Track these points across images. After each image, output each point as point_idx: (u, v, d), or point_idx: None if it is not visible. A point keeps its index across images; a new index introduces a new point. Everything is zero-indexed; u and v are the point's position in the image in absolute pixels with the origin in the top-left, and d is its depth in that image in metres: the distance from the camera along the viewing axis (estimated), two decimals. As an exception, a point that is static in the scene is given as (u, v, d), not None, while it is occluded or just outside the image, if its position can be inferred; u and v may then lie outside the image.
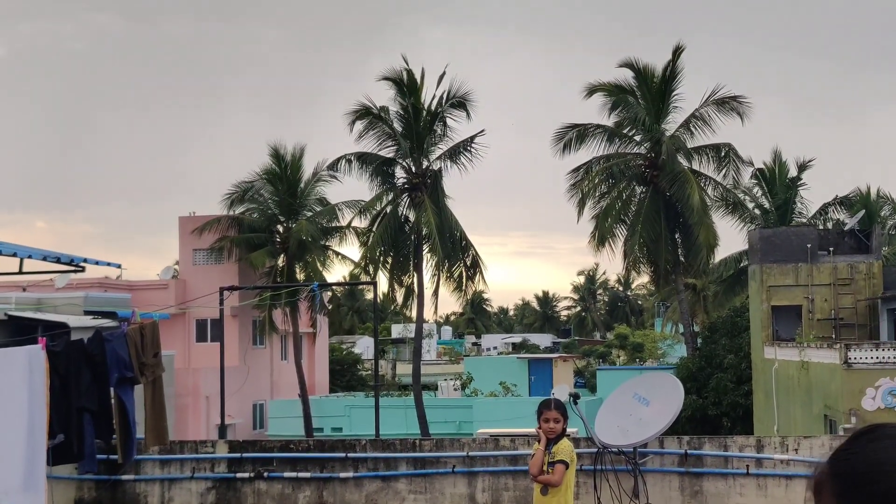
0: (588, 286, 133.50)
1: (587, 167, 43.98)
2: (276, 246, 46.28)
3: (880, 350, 28.65)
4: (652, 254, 43.12)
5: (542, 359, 60.86)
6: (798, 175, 45.10)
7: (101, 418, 10.88)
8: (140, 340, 11.17)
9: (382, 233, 41.50)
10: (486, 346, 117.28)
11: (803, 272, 35.91)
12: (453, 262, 42.83)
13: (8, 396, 9.71)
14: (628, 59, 42.88)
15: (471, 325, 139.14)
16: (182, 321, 47.37)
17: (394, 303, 45.64)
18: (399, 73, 41.54)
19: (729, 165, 42.87)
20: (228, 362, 25.68)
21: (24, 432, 9.65)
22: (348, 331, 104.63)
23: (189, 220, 48.56)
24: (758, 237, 37.05)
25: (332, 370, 62.54)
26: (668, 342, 77.28)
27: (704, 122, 42.98)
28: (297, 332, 46.98)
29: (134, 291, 46.32)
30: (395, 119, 42.27)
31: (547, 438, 9.34)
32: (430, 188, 41.56)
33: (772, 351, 35.22)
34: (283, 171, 46.26)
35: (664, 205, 42.44)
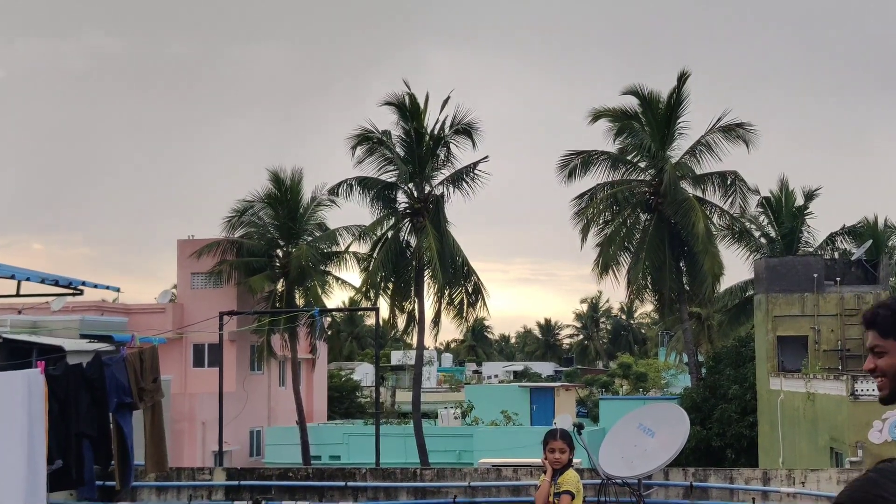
0: (591, 314, 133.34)
1: (591, 194, 44.05)
2: (275, 270, 46.29)
3: (888, 382, 28.54)
4: (656, 282, 43.12)
5: (544, 388, 60.74)
6: (805, 204, 45.14)
7: (99, 444, 10.90)
8: (139, 365, 11.21)
9: (383, 258, 41.55)
10: (487, 374, 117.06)
11: (810, 302, 35.90)
12: (454, 289, 42.85)
13: (7, 421, 9.73)
14: (633, 86, 43.08)
15: (472, 352, 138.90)
16: (179, 345, 47.30)
17: (394, 329, 45.65)
18: (401, 97, 41.73)
19: (735, 193, 42.92)
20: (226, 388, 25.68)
21: (23, 457, 9.67)
22: (347, 357, 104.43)
23: (187, 244, 48.59)
24: (764, 266, 37.07)
25: (330, 397, 62.40)
26: (671, 372, 77.04)
27: (710, 149, 43.09)
28: (295, 358, 46.92)
29: (131, 315, 46.24)
30: (397, 143, 42.40)
31: (553, 469, 9.35)
32: (431, 213, 41.64)
33: (777, 382, 35.18)
34: (283, 194, 46.34)
35: (669, 232, 42.48)
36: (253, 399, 46.05)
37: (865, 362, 3.46)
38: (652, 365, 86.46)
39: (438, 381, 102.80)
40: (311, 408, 55.31)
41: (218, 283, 46.64)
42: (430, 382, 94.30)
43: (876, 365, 3.39)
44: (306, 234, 46.85)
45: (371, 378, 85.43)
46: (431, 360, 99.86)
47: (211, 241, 46.35)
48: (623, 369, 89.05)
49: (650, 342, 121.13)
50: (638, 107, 43.41)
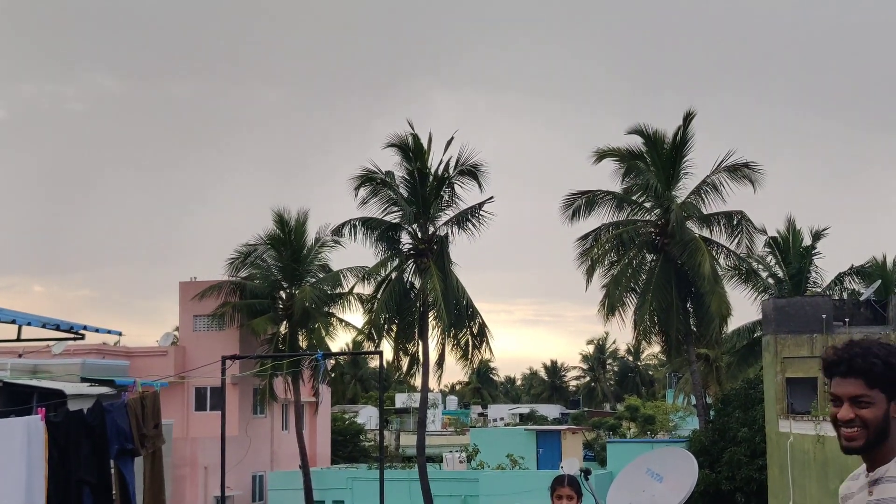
0: (597, 356, 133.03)
1: (596, 234, 44.07)
2: (278, 312, 46.29)
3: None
4: (663, 323, 43.02)
5: (551, 431, 60.45)
6: (812, 244, 45.14)
7: (100, 491, 10.85)
8: (141, 411, 11.18)
9: (387, 299, 41.51)
10: (492, 417, 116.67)
11: (819, 343, 35.77)
12: (459, 330, 42.78)
13: (5, 468, 9.69)
14: (638, 126, 43.20)
15: (477, 394, 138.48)
16: (181, 389, 47.22)
17: (398, 371, 45.50)
18: (405, 138, 41.86)
19: (741, 233, 42.93)
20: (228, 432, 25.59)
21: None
22: (351, 400, 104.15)
23: (190, 286, 48.63)
24: (772, 307, 36.99)
25: (333, 440, 62.18)
26: (679, 414, 76.72)
27: (716, 189, 43.15)
28: (298, 402, 46.81)
29: (132, 358, 46.24)
30: (400, 184, 42.50)
31: (560, 516, 9.27)
32: (435, 254, 41.66)
33: (787, 424, 34.99)
34: (287, 236, 46.42)
35: (675, 273, 42.45)
36: (255, 443, 45.89)
37: (840, 411, 3.33)
38: (660, 407, 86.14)
39: (443, 424, 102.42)
40: (314, 452, 55.08)
41: (220, 325, 46.64)
42: (434, 425, 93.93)
43: (857, 415, 3.30)
44: (310, 275, 46.89)
45: (375, 421, 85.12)
46: (436, 403, 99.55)
47: (213, 283, 46.40)
48: (631, 412, 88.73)
49: (658, 384, 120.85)
50: (643, 146, 43.53)
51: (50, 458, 10.12)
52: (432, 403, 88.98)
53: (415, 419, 67.99)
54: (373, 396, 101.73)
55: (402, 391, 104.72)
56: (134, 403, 11.14)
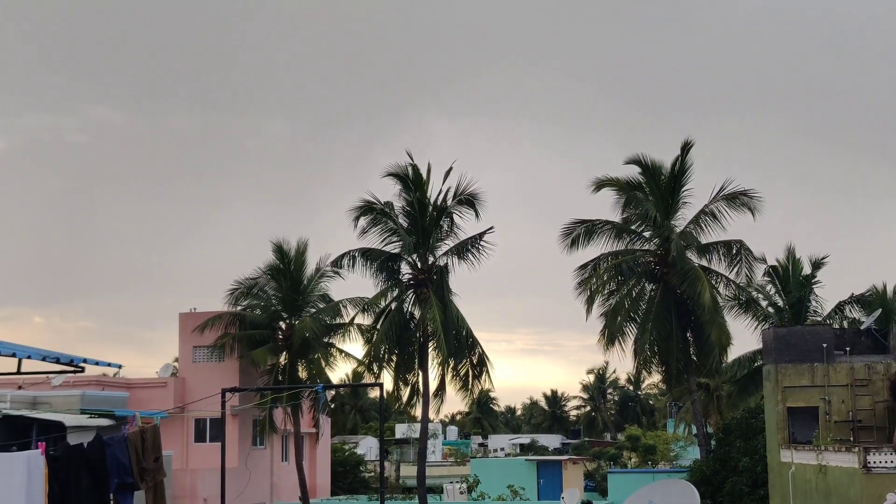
0: (598, 385, 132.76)
1: (595, 264, 44.12)
2: (278, 343, 46.26)
3: (900, 454, 28.38)
4: (663, 353, 43.00)
5: (552, 461, 60.31)
6: (812, 273, 45.14)
7: (100, 526, 10.84)
8: (141, 444, 11.18)
9: (387, 330, 41.47)
10: (493, 447, 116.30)
11: (819, 372, 35.75)
12: (459, 360, 42.72)
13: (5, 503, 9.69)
14: (636, 156, 43.35)
15: (477, 424, 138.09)
16: (180, 420, 47.09)
17: (398, 402, 45.41)
18: (404, 168, 41.96)
19: (741, 263, 42.98)
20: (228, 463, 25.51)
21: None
22: (351, 430, 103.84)
23: (190, 317, 48.62)
24: (772, 336, 36.98)
25: (334, 471, 61.97)
26: (680, 444, 76.52)
27: (714, 217, 43.24)
28: (298, 433, 46.71)
29: (132, 389, 46.15)
30: (400, 214, 42.56)
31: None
32: (435, 284, 41.67)
33: (788, 454, 34.93)
34: (287, 266, 46.45)
35: (675, 303, 42.47)
36: (255, 474, 45.74)
37: None
38: (661, 437, 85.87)
39: (443, 455, 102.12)
40: (314, 483, 54.91)
41: (220, 356, 46.58)
42: (434, 456, 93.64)
43: None
44: (310, 306, 46.88)
45: (375, 452, 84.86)
46: (436, 434, 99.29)
47: (213, 314, 46.38)
48: (631, 441, 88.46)
49: (658, 413, 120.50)
50: (641, 176, 43.67)
51: (50, 493, 10.13)
52: (432, 434, 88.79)
53: (415, 450, 67.76)
54: (373, 427, 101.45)
55: (403, 422, 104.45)
56: (134, 437, 11.14)
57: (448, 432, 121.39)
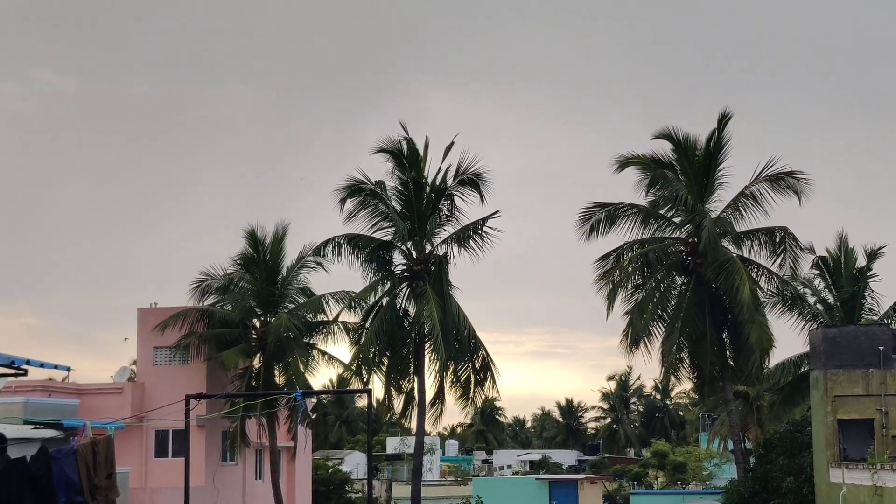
0: (620, 394, 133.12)
1: (618, 254, 44.13)
2: (251, 343, 46.28)
3: (968, 473, 28.45)
4: (695, 356, 43.03)
5: (566, 480, 60.46)
6: (868, 265, 45.20)
7: (44, 552, 10.86)
8: (92, 459, 11.19)
9: (377, 329, 41.55)
10: (498, 465, 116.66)
11: (875, 379, 35.81)
12: (460, 365, 42.82)
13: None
14: (666, 129, 43.27)
15: (481, 438, 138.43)
16: (139, 432, 47.11)
17: (390, 412, 45.52)
18: (398, 143, 41.94)
19: (785, 253, 42.97)
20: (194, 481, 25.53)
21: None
22: (335, 444, 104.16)
23: (150, 313, 48.59)
24: (821, 338, 37.03)
25: (315, 491, 62.07)
26: (714, 461, 76.77)
27: (756, 201, 43.20)
28: (274, 447, 46.74)
29: (83, 396, 46.13)
30: (392, 196, 42.59)
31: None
32: (433, 277, 41.74)
33: (839, 473, 34.99)
34: (262, 256, 46.43)
35: (709, 299, 42.48)
36: (225, 494, 45.78)
37: None
38: (692, 453, 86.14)
39: (442, 473, 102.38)
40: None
41: (185, 358, 46.59)
42: (431, 474, 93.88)
43: None
44: (287, 301, 46.89)
45: (363, 469, 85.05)
46: (433, 448, 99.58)
47: (177, 311, 46.36)
48: (658, 458, 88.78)
49: (690, 426, 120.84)
50: (672, 153, 43.62)
51: (-13, 514, 10.14)
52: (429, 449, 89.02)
53: (409, 467, 68.00)
54: (360, 440, 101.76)
55: (395, 435, 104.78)
56: (84, 450, 11.16)
57: (447, 447, 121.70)
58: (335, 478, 69.61)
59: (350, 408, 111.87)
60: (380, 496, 78.07)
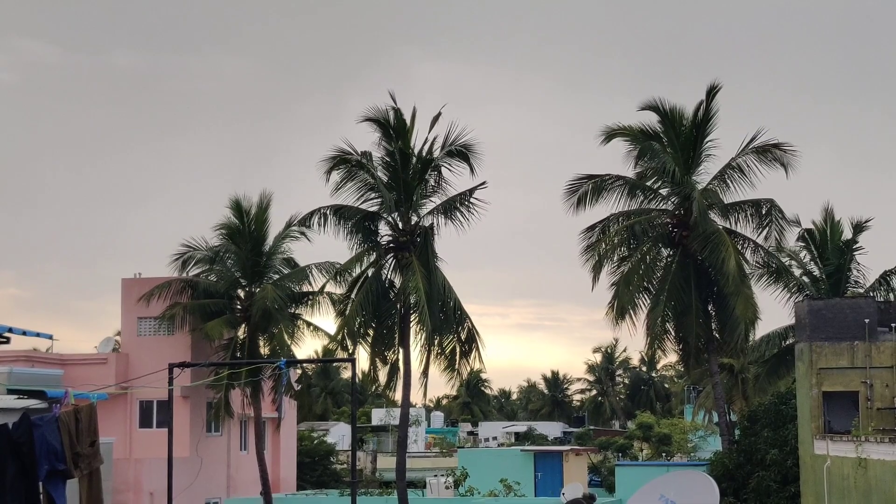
0: (605, 366, 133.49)
1: (604, 226, 44.16)
2: (235, 314, 46.26)
3: (951, 446, 28.59)
4: (681, 328, 43.14)
5: (551, 452, 60.57)
6: (854, 237, 45.26)
7: (27, 519, 10.83)
8: (75, 426, 11.16)
9: (363, 300, 41.47)
10: (483, 436, 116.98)
11: (860, 352, 35.94)
12: (445, 336, 42.78)
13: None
14: (652, 101, 43.22)
15: (466, 410, 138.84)
16: (123, 402, 47.16)
17: (375, 383, 45.48)
18: (384, 112, 41.75)
19: (771, 225, 43.04)
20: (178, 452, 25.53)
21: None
22: (320, 416, 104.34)
23: (134, 284, 48.55)
24: (806, 310, 37.13)
25: (300, 463, 62.21)
26: (699, 433, 77.01)
27: (742, 173, 43.25)
28: (259, 418, 46.77)
29: (67, 367, 46.15)
30: (379, 166, 42.44)
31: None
32: (419, 248, 41.64)
33: (823, 446, 35.14)
34: (246, 226, 46.35)
35: (695, 271, 42.55)
36: (209, 465, 45.83)
37: None
38: (677, 425, 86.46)
39: (427, 445, 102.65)
40: (277, 476, 55.05)
41: (169, 329, 46.60)
42: (416, 446, 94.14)
43: None
44: (272, 271, 46.85)
45: (347, 440, 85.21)
46: (419, 420, 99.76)
47: (161, 281, 46.32)
48: (643, 430, 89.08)
49: (675, 398, 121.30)
50: (658, 125, 43.59)
51: (-31, 481, 10.10)
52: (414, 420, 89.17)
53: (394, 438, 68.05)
54: (345, 412, 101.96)
55: (380, 406, 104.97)
56: (67, 417, 11.13)
57: (432, 419, 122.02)
58: (320, 449, 69.84)
59: (335, 379, 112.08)
60: (364, 467, 78.27)
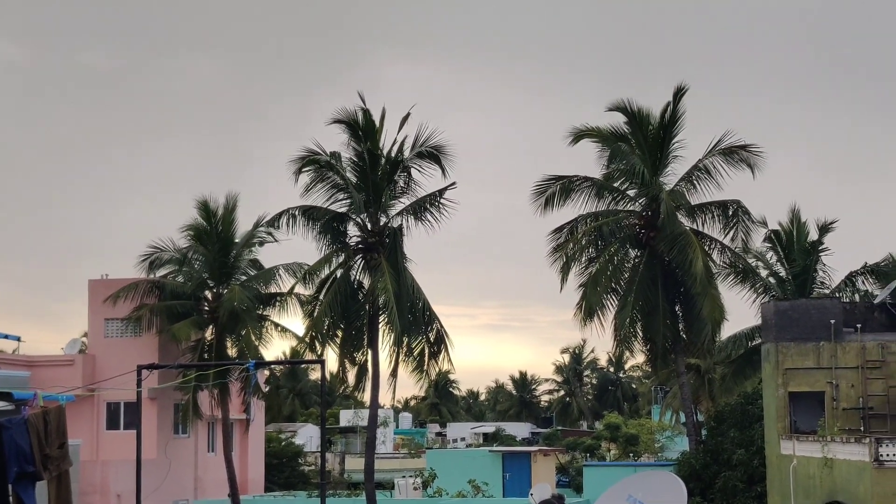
0: (573, 366, 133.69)
1: (572, 226, 44.27)
2: (203, 315, 46.11)
3: (916, 445, 28.81)
4: (648, 329, 43.28)
5: (519, 452, 60.67)
6: (819, 238, 45.53)
7: (-5, 521, 10.80)
8: (44, 428, 11.13)
9: (331, 301, 41.43)
10: (452, 437, 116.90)
11: (826, 352, 36.16)
12: (414, 337, 42.78)
13: None
14: (620, 102, 43.36)
15: (434, 411, 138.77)
16: (90, 404, 46.93)
17: (344, 384, 45.45)
18: (353, 113, 41.73)
19: (738, 226, 43.26)
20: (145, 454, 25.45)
21: None
22: (288, 417, 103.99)
23: (101, 285, 48.32)
24: (772, 311, 37.33)
25: (268, 464, 62.07)
26: (667, 434, 77.35)
27: (709, 174, 43.44)
28: (227, 419, 46.64)
29: (34, 368, 45.86)
30: (348, 167, 42.41)
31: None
32: (388, 249, 41.64)
33: (789, 446, 35.34)
34: (214, 227, 46.21)
35: (662, 271, 42.71)
36: (177, 467, 45.70)
37: None
38: (644, 426, 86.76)
39: (395, 446, 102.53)
40: (245, 477, 54.90)
41: (136, 330, 46.41)
42: (385, 447, 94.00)
43: None
44: (240, 272, 46.73)
45: (316, 442, 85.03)
46: (387, 421, 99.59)
47: (129, 282, 46.13)
48: (611, 431, 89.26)
49: (642, 399, 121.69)
50: (626, 126, 43.74)
51: (-63, 483, 10.07)
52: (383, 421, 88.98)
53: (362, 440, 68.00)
54: (313, 413, 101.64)
55: (348, 407, 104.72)
56: (35, 420, 11.09)
57: (401, 420, 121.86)
58: (288, 450, 69.67)
59: (303, 381, 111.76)
60: (333, 469, 78.12)
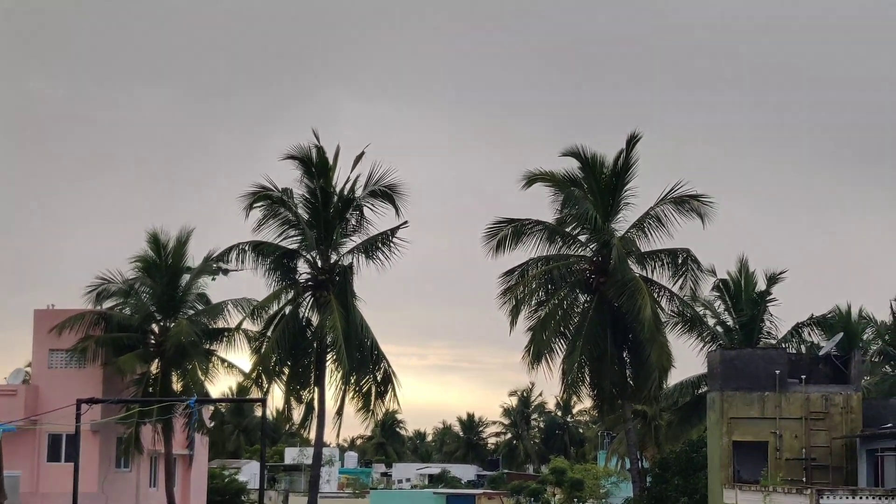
0: (521, 409, 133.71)
1: (523, 269, 44.23)
2: (149, 349, 45.78)
3: (857, 497, 28.97)
4: (596, 374, 43.24)
5: (464, 495, 60.57)
6: (767, 289, 45.75)
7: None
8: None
9: (279, 338, 41.25)
10: (397, 478, 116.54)
11: (771, 403, 36.27)
12: (362, 376, 42.65)
13: None
14: (574, 148, 43.46)
15: (381, 451, 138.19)
16: (32, 436, 46.33)
17: (289, 422, 45.18)
18: (307, 150, 41.70)
19: (687, 274, 43.35)
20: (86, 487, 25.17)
21: None
22: (233, 454, 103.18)
23: (46, 315, 47.85)
24: (719, 359, 37.43)
25: (210, 501, 61.43)
26: (612, 479, 77.20)
27: (660, 222, 43.57)
28: (169, 454, 46.20)
29: (-26, 398, 45.30)
30: (300, 204, 42.34)
31: None
32: (338, 287, 41.54)
33: (732, 495, 35.36)
34: (164, 260, 45.97)
35: (611, 317, 42.72)
36: (118, 501, 45.26)
37: None
38: (590, 471, 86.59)
39: (340, 485, 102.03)
40: (186, 513, 54.36)
41: (81, 361, 45.99)
42: (329, 486, 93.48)
43: None
44: (188, 306, 46.44)
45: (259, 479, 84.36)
46: (332, 460, 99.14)
47: (75, 313, 45.72)
48: (556, 475, 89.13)
49: (589, 444, 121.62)
50: (579, 171, 43.86)
51: None
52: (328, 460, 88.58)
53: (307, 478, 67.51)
54: (258, 450, 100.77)
55: (294, 445, 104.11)
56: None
57: (346, 459, 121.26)
58: (231, 487, 68.96)
59: (249, 417, 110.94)
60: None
